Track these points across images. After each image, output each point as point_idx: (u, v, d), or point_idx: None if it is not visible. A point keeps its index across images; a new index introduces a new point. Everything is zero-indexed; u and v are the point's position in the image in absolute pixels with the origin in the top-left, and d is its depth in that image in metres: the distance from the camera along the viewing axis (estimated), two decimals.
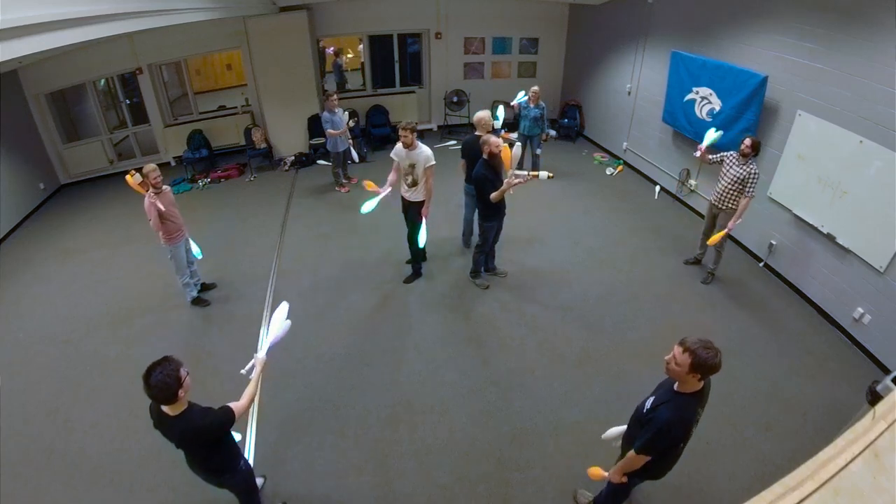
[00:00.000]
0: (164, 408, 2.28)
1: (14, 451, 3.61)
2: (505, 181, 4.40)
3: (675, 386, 2.24)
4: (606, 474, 2.60)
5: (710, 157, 4.96)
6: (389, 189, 4.80)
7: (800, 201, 4.93)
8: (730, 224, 4.74)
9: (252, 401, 2.59)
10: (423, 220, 4.86)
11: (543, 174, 4.52)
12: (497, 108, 6.62)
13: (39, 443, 3.68)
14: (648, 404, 2.37)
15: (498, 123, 6.22)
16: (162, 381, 2.16)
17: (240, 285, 5.42)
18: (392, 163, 4.84)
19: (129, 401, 3.96)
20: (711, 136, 4.96)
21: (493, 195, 4.44)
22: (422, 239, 4.92)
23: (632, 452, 2.37)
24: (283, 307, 2.80)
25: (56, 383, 4.22)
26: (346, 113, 7.29)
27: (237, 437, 3.55)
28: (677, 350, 2.14)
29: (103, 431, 3.76)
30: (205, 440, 2.39)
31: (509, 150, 4.32)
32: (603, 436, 2.85)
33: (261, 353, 2.68)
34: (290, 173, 8.36)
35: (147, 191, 4.33)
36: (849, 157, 4.34)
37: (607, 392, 4.01)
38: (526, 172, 4.58)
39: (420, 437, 3.66)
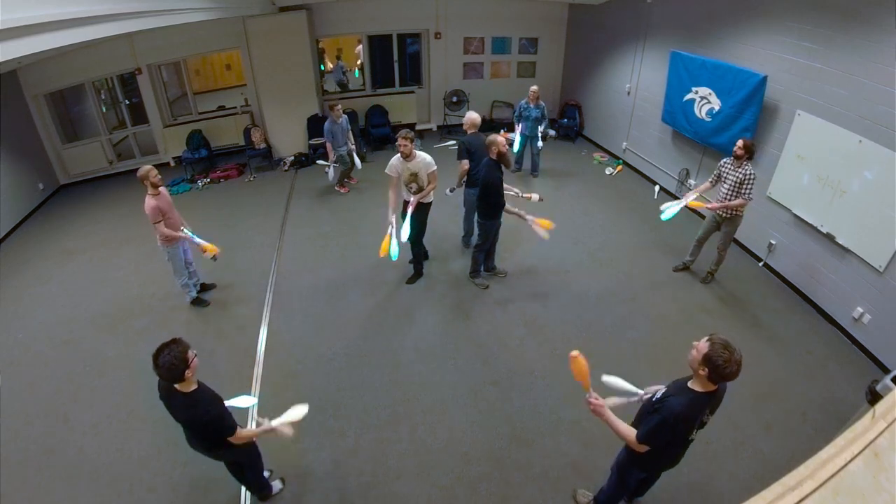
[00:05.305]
0: (176, 385, 2.41)
1: (14, 451, 3.61)
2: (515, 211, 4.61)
3: (689, 382, 2.25)
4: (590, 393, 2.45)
5: (710, 180, 4.88)
6: (394, 218, 4.65)
7: (799, 201, 4.94)
8: (714, 204, 4.74)
9: (248, 439, 2.68)
10: (409, 212, 4.69)
11: (535, 196, 4.66)
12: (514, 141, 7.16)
13: (39, 443, 3.68)
14: (658, 395, 2.38)
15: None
16: (170, 362, 2.29)
17: (239, 285, 5.42)
18: (383, 165, 4.77)
19: (129, 401, 3.97)
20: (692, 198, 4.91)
21: (508, 208, 4.58)
22: (404, 233, 4.65)
23: (633, 437, 2.33)
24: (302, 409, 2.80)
25: (56, 383, 4.22)
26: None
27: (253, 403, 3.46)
28: (704, 338, 2.16)
29: (103, 431, 3.76)
30: (206, 423, 2.49)
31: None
32: (604, 378, 2.65)
33: (274, 423, 2.69)
34: (289, 173, 8.36)
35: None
36: (848, 157, 4.34)
37: (607, 392, 4.00)
38: (517, 192, 4.71)
39: (420, 437, 3.66)
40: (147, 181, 4.33)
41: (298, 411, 2.75)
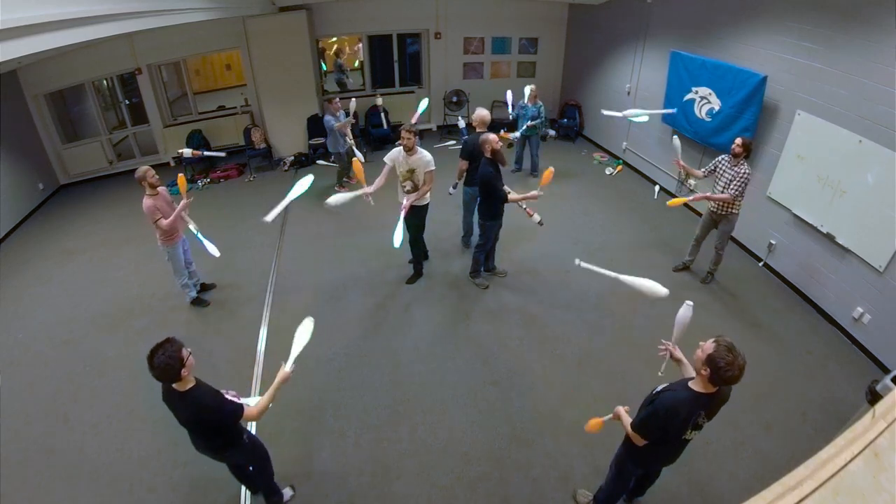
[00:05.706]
0: (174, 385, 2.40)
1: (14, 451, 3.61)
2: (531, 192, 4.50)
3: (691, 382, 2.27)
4: (603, 419, 2.73)
5: (703, 170, 4.93)
6: (371, 190, 4.53)
7: (799, 201, 4.94)
8: (696, 196, 4.87)
9: (264, 411, 2.64)
10: (401, 216, 4.57)
11: (536, 217, 4.65)
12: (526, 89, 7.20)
13: (39, 443, 3.68)
14: (659, 388, 2.43)
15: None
16: (164, 362, 2.28)
17: (239, 285, 5.42)
18: (382, 166, 4.75)
19: (129, 401, 3.97)
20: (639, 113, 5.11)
21: (512, 197, 4.53)
22: (397, 238, 4.48)
23: (629, 427, 2.45)
24: (308, 322, 2.94)
25: (56, 383, 4.22)
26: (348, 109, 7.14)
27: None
28: (710, 339, 2.18)
29: (103, 431, 3.76)
30: (208, 420, 2.47)
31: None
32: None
33: (287, 367, 2.75)
34: (289, 173, 8.35)
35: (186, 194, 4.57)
36: (848, 157, 4.34)
37: (607, 392, 4.01)
38: (524, 205, 4.72)
39: (420, 437, 3.66)
40: (145, 182, 4.34)
41: (305, 332, 2.83)
